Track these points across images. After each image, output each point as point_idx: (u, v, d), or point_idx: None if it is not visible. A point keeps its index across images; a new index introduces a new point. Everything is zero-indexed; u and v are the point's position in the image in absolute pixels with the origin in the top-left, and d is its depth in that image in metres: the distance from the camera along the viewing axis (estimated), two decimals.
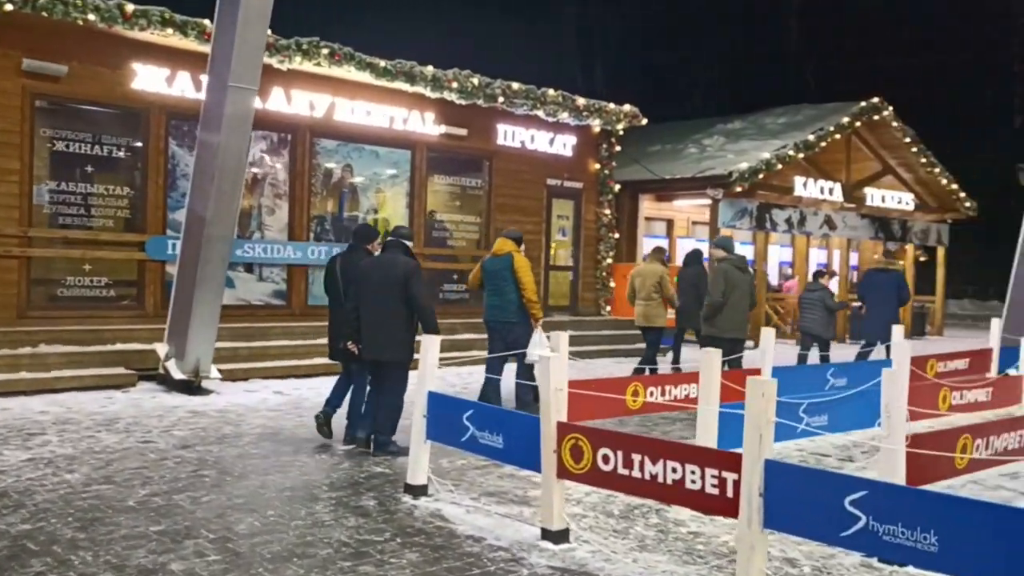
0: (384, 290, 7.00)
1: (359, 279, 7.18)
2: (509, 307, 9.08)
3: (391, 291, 6.98)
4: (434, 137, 14.30)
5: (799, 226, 19.70)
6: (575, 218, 16.48)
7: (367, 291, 7.08)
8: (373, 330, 7.01)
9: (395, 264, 7.08)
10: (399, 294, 6.97)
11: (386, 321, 7.00)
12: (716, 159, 18.60)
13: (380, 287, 7.02)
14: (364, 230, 8.04)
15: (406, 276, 6.99)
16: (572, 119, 15.64)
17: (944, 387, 8.13)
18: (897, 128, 21.06)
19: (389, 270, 7.06)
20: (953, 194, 23.08)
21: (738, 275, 9.66)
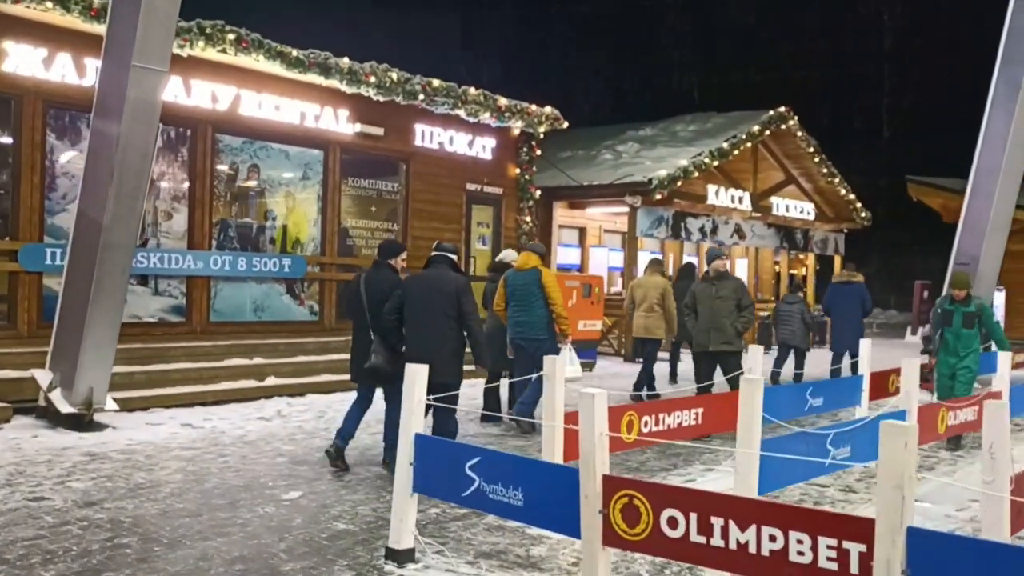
0: (433, 308, 6.69)
1: (405, 297, 6.77)
2: (538, 323, 8.82)
3: (441, 309, 6.68)
4: (348, 136, 13.08)
5: (711, 235, 19.40)
6: (495, 226, 15.54)
7: (414, 310, 6.72)
8: (422, 351, 6.42)
9: (444, 280, 6.78)
10: (450, 312, 6.68)
11: (436, 341, 6.63)
12: (633, 166, 18.05)
13: (428, 305, 6.70)
14: (389, 245, 7.50)
15: (458, 293, 6.71)
16: (493, 120, 14.71)
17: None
18: (801, 138, 21.13)
19: (438, 287, 6.73)
20: (850, 204, 23.42)
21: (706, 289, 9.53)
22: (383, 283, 7.02)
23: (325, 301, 12.90)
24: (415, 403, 4.95)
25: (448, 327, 6.70)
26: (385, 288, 6.96)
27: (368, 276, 7.18)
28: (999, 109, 11.88)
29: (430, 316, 6.68)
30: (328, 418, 9.44)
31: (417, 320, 6.72)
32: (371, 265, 7.35)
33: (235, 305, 11.89)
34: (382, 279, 7.07)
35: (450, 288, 6.73)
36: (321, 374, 11.50)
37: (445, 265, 6.94)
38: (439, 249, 7.09)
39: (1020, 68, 11.53)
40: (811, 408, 8.49)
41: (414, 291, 6.81)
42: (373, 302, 6.95)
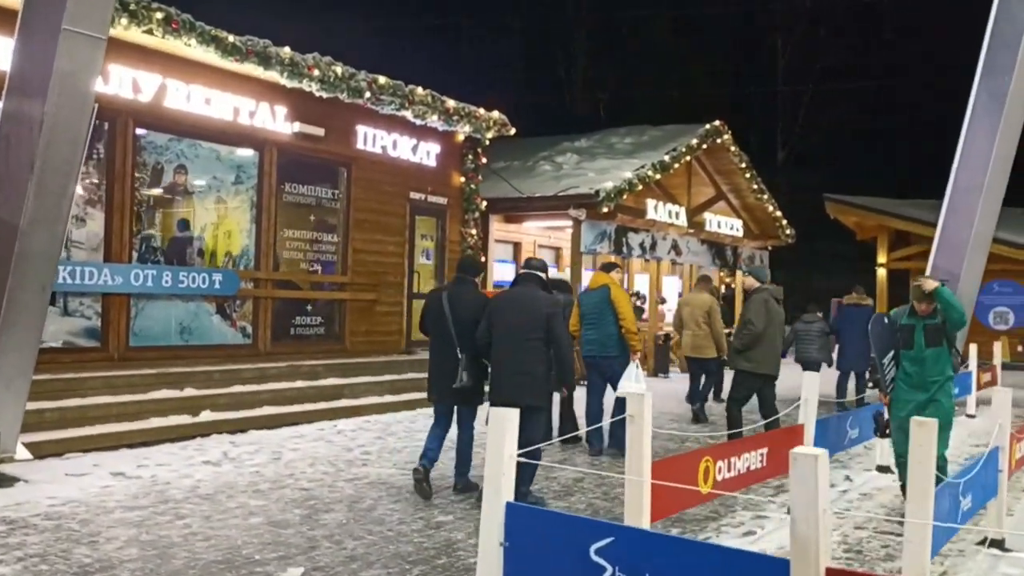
0: (523, 329, 6.41)
1: (491, 316, 6.53)
2: (609, 341, 8.82)
3: (531, 330, 6.40)
4: (287, 136, 11.64)
5: (651, 251, 18.66)
6: (439, 239, 14.30)
7: (502, 330, 6.45)
8: (511, 372, 6.35)
9: (535, 300, 6.53)
10: (540, 333, 6.41)
11: (526, 362, 6.36)
12: (576, 177, 17.11)
13: (518, 326, 6.43)
14: (472, 262, 7.40)
15: (549, 315, 6.45)
16: (440, 123, 13.50)
17: None
18: (734, 153, 20.71)
19: (528, 307, 6.48)
20: (776, 221, 23.19)
21: (775, 307, 8.82)
22: (470, 300, 6.86)
23: (260, 322, 11.37)
24: (505, 460, 3.73)
25: (538, 348, 6.42)
26: (473, 305, 6.79)
27: (452, 293, 6.95)
28: (980, 122, 11.46)
29: (519, 337, 6.41)
30: (287, 461, 8.02)
31: (505, 341, 6.44)
32: (453, 281, 7.21)
33: (159, 327, 10.27)
34: (469, 296, 6.90)
35: (540, 308, 6.47)
36: (263, 406, 10.02)
37: (534, 284, 6.69)
38: (528, 267, 6.86)
39: (1004, 78, 11.13)
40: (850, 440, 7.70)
41: (503, 311, 6.55)
42: (460, 320, 6.74)
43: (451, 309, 6.83)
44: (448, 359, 6.76)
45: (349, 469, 7.76)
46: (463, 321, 6.74)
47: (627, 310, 8.82)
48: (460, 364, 6.68)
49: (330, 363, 11.47)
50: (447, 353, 6.79)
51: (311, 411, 10.32)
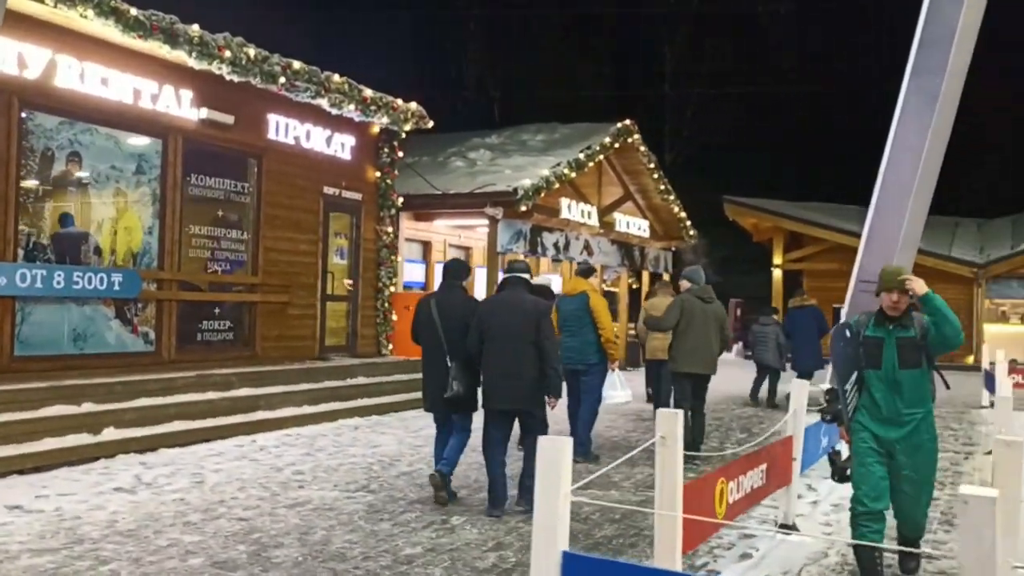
0: (515, 334, 6.33)
1: (482, 322, 6.44)
2: (588, 348, 8.66)
3: (523, 334, 6.32)
4: (193, 123, 10.60)
5: (564, 251, 18.26)
6: (354, 236, 13.43)
7: (494, 336, 6.37)
8: (505, 378, 6.32)
9: (524, 304, 6.45)
10: (532, 337, 6.32)
11: (521, 367, 6.30)
12: (492, 174, 16.52)
13: (510, 330, 6.34)
14: (459, 266, 7.14)
15: (538, 318, 6.37)
16: (357, 114, 12.65)
17: None
18: (643, 153, 20.57)
19: (519, 311, 6.39)
20: (680, 222, 23.22)
21: (697, 305, 8.84)
22: (459, 306, 6.73)
23: (163, 327, 10.29)
24: (560, 499, 3.08)
25: (531, 353, 6.31)
26: (462, 311, 6.67)
27: (440, 299, 6.82)
28: (910, 121, 11.47)
29: (512, 342, 6.32)
30: (212, 485, 7.11)
31: (497, 346, 6.35)
32: (441, 287, 7.00)
33: (49, 334, 9.10)
34: (457, 302, 6.78)
35: (532, 312, 6.39)
36: (172, 421, 9.00)
37: (522, 288, 6.60)
38: (513, 270, 6.72)
39: (934, 78, 11.16)
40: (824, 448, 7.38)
41: (493, 316, 6.45)
42: (450, 327, 6.63)
43: (440, 316, 6.70)
44: (439, 367, 6.63)
45: (285, 493, 6.92)
46: (453, 328, 6.61)
47: (606, 318, 8.72)
48: (450, 373, 6.53)
49: (242, 372, 10.49)
50: (438, 361, 6.65)
51: (225, 426, 9.36)
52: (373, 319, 13.63)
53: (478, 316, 6.51)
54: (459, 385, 6.50)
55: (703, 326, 8.80)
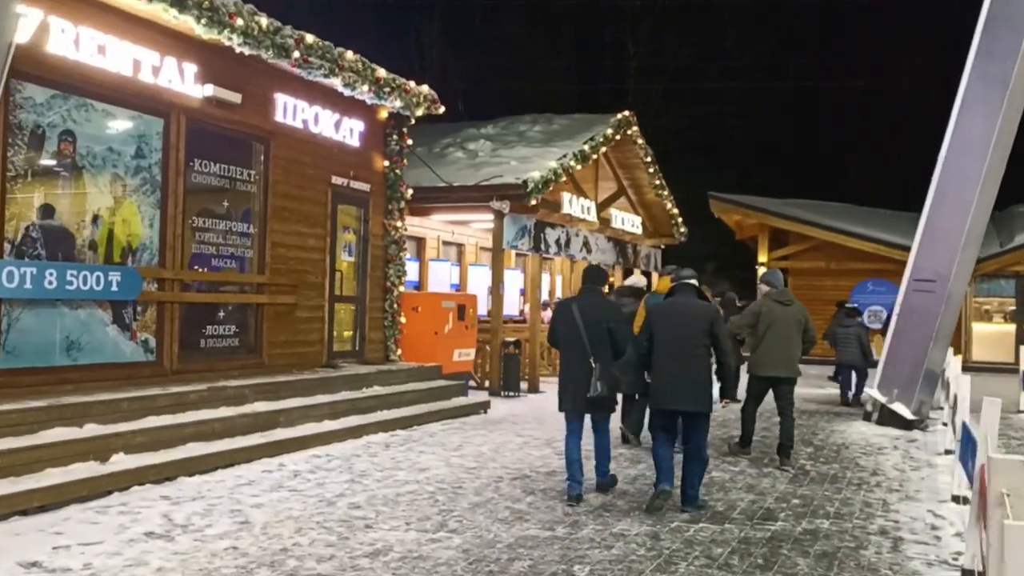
0: (688, 338, 6.63)
1: (653, 325, 6.78)
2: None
3: (695, 337, 6.63)
4: (197, 101, 9.32)
5: (566, 248, 17.27)
6: (362, 231, 12.23)
7: (665, 340, 6.66)
8: (677, 379, 6.59)
9: (695, 308, 6.81)
10: (705, 341, 6.64)
11: (693, 369, 6.60)
12: (497, 166, 15.43)
13: (682, 335, 6.64)
14: (599, 272, 7.38)
15: (712, 321, 6.72)
16: (370, 95, 11.46)
17: None
18: (640, 146, 19.68)
19: (690, 314, 6.73)
20: (672, 219, 22.42)
21: (778, 309, 8.90)
22: (602, 308, 6.98)
23: (165, 333, 9.00)
24: None
25: (704, 356, 6.64)
26: (606, 313, 6.93)
27: (581, 302, 7.01)
28: (975, 108, 10.75)
29: (684, 346, 6.60)
30: (262, 526, 5.93)
31: (670, 349, 6.61)
32: (580, 292, 7.23)
33: (40, 341, 7.76)
34: (600, 304, 7.02)
35: (704, 317, 6.71)
36: (188, 443, 7.77)
37: (691, 293, 6.90)
38: (682, 277, 7.01)
39: (1004, 61, 10.43)
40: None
41: (665, 320, 6.76)
42: (592, 329, 6.79)
43: (583, 319, 6.81)
44: (581, 369, 6.74)
45: (355, 536, 5.77)
46: (595, 330, 6.77)
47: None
48: (594, 374, 6.66)
49: (255, 383, 9.26)
50: (580, 363, 6.76)
51: (247, 448, 8.13)
52: (381, 322, 12.44)
53: (650, 320, 6.86)
54: (604, 386, 6.65)
55: (784, 328, 8.82)
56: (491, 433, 10.24)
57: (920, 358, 11.26)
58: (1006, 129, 10.42)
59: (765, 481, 7.91)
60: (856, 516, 6.71)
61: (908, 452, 9.75)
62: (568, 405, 6.93)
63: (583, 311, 6.88)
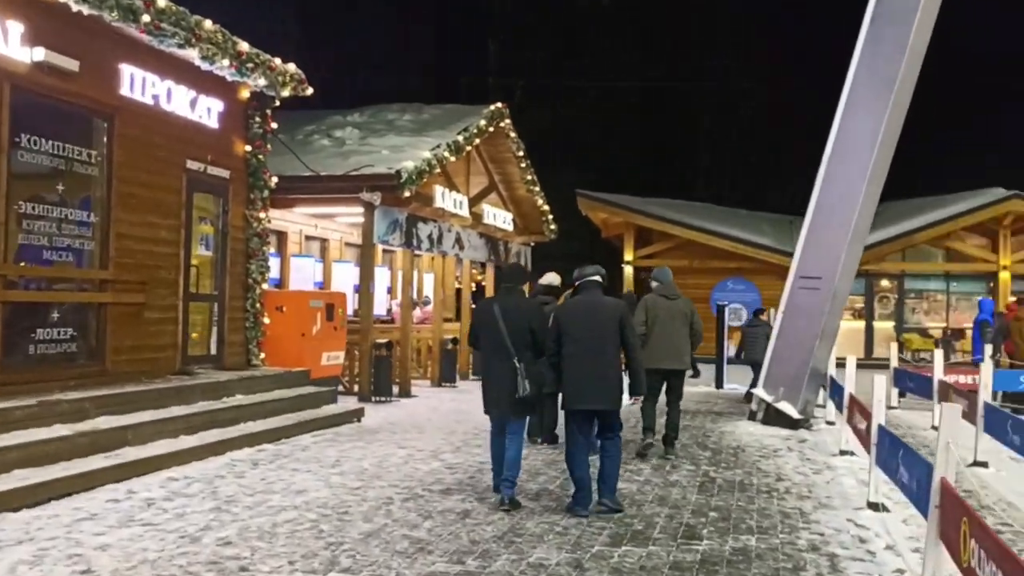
0: (599, 335, 6.54)
1: (562, 324, 6.60)
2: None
3: (606, 336, 6.56)
4: (25, 67, 7.97)
5: (438, 244, 16.48)
6: (221, 223, 11.03)
7: (575, 339, 6.50)
8: (590, 378, 6.47)
9: (604, 305, 6.71)
10: (615, 339, 6.58)
11: (605, 368, 6.52)
12: (368, 155, 14.45)
13: (593, 332, 6.54)
14: (519, 271, 7.51)
15: (622, 318, 6.64)
16: (230, 71, 10.30)
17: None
18: (513, 139, 19.12)
19: (601, 313, 6.63)
20: (543, 215, 21.99)
21: (663, 304, 9.22)
22: (524, 309, 6.87)
23: None
24: None
25: (614, 355, 6.60)
26: (528, 314, 6.81)
27: (503, 303, 6.87)
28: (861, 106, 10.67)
29: (595, 344, 6.51)
30: (111, 572, 4.85)
31: (582, 348, 6.49)
32: (501, 291, 7.18)
33: None
34: (522, 305, 6.94)
35: (614, 314, 6.64)
36: (12, 471, 6.51)
37: (598, 290, 6.79)
38: (586, 275, 6.85)
39: (890, 59, 10.36)
40: None
41: (573, 319, 6.63)
42: (515, 329, 6.67)
43: (504, 319, 6.67)
44: (505, 370, 6.61)
45: None
46: (518, 330, 6.65)
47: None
48: (519, 374, 6.53)
49: (96, 395, 8.02)
50: (503, 364, 6.63)
51: (87, 473, 6.94)
52: (242, 323, 11.27)
53: (559, 318, 6.66)
54: (531, 387, 6.53)
55: (669, 322, 9.06)
56: (369, 445, 9.34)
57: (806, 357, 11.13)
58: (892, 126, 10.39)
59: (675, 492, 7.40)
60: (780, 530, 6.26)
61: (803, 453, 9.52)
62: (493, 409, 6.81)
63: (504, 311, 6.73)
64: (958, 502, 4.16)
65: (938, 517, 4.56)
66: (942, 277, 26.34)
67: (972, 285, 26.48)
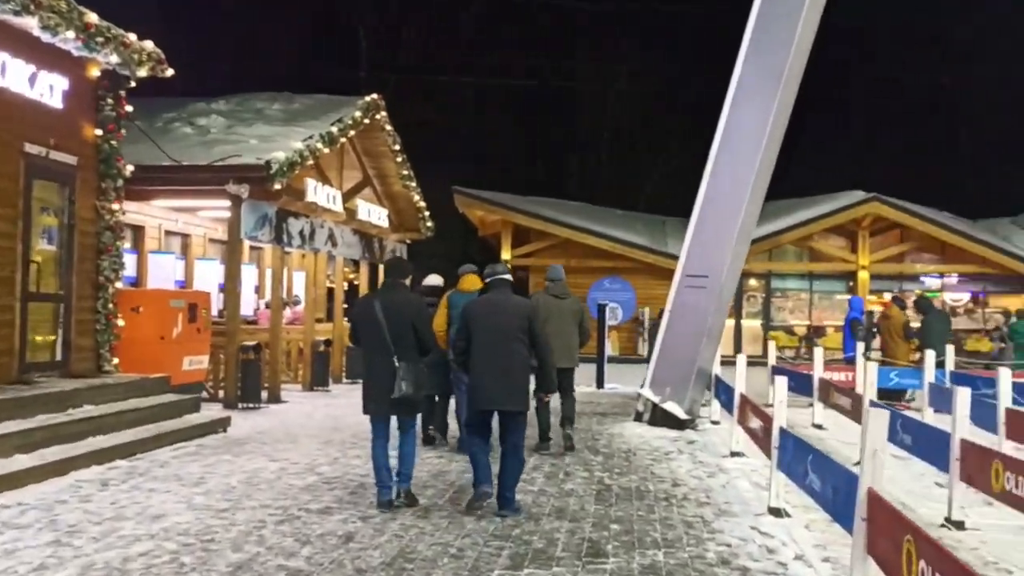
0: (506, 334, 6.44)
1: (470, 323, 6.50)
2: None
3: (514, 335, 6.45)
4: None
5: (310, 241, 15.63)
6: (67, 215, 9.93)
7: (483, 336, 6.42)
8: (497, 378, 6.36)
9: (514, 304, 6.61)
10: (524, 337, 6.48)
11: (513, 367, 6.39)
12: (235, 144, 13.48)
13: (501, 331, 6.43)
14: (401, 264, 7.10)
15: (531, 317, 6.57)
16: (76, 44, 9.25)
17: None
18: (389, 132, 18.47)
19: (509, 311, 6.52)
20: (419, 212, 21.40)
21: (553, 303, 9.43)
22: (407, 305, 6.63)
23: None
24: None
25: (523, 354, 6.47)
26: (410, 310, 6.60)
27: (384, 299, 6.60)
28: (748, 102, 10.57)
29: (503, 343, 6.42)
30: None
31: (488, 349, 6.40)
32: (383, 287, 6.98)
33: None
34: (404, 301, 6.66)
35: (523, 313, 6.56)
36: None
37: (507, 288, 6.71)
38: (494, 272, 6.80)
39: (773, 56, 10.31)
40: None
41: (482, 318, 6.50)
42: (396, 327, 6.47)
43: (385, 316, 6.48)
44: (385, 369, 6.44)
45: None
46: (400, 328, 6.48)
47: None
48: (398, 373, 6.37)
49: None
50: (384, 362, 6.45)
51: None
52: (92, 325, 10.20)
53: (467, 317, 6.52)
54: (408, 386, 6.36)
55: (559, 321, 9.24)
56: (237, 459, 8.52)
57: (692, 356, 10.99)
58: (780, 121, 10.34)
59: (572, 502, 6.98)
60: (686, 542, 5.92)
61: (694, 456, 9.31)
62: (373, 407, 6.59)
63: (386, 308, 6.53)
64: (896, 516, 3.86)
65: (865, 530, 4.28)
66: (806, 277, 27.18)
67: (833, 284, 27.47)
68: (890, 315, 14.05)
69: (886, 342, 14.04)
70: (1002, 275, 26.10)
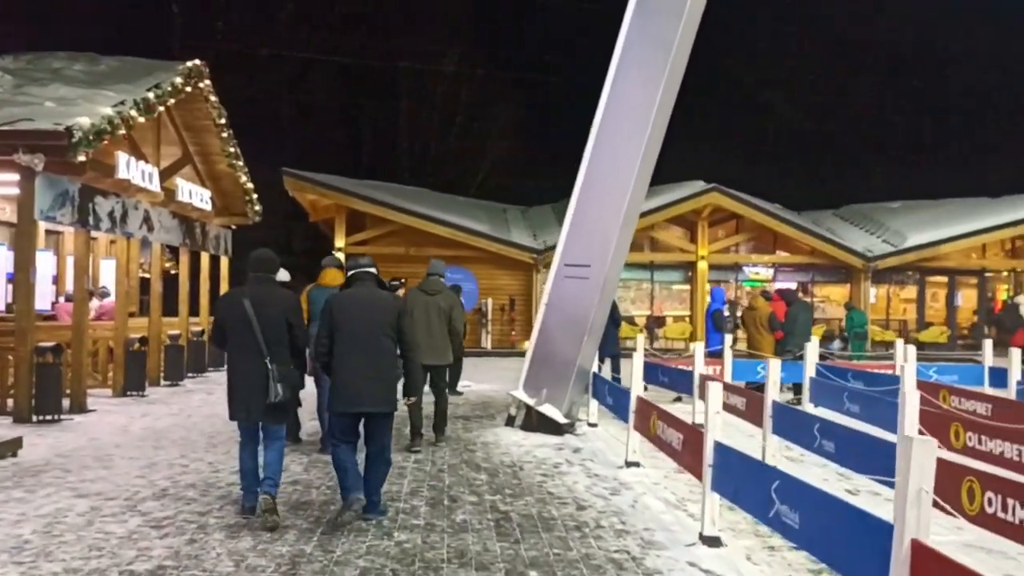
0: (372, 332, 6.04)
1: (333, 320, 6.03)
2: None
3: (381, 333, 6.07)
4: None
5: (122, 224, 13.53)
6: None
7: (348, 334, 6.00)
8: (363, 379, 5.95)
9: (380, 300, 6.21)
10: (391, 335, 6.11)
11: (380, 367, 6.03)
12: (27, 107, 11.27)
13: (367, 329, 6.04)
14: (270, 258, 6.31)
15: (399, 314, 6.18)
16: None
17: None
18: (213, 104, 16.52)
19: (376, 307, 6.13)
20: (246, 194, 19.44)
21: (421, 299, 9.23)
22: (279, 302, 6.12)
23: None
24: None
25: (391, 353, 6.13)
26: (283, 306, 6.11)
27: (254, 296, 6.04)
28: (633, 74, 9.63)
29: (370, 342, 6.02)
30: None
31: (353, 347, 5.98)
32: (250, 282, 6.18)
33: None
34: (276, 297, 6.14)
35: (391, 309, 6.17)
36: None
37: (371, 283, 6.27)
38: (357, 265, 6.34)
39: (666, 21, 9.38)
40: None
41: (347, 314, 6.07)
42: (268, 326, 5.98)
43: (257, 314, 5.95)
44: (256, 370, 5.91)
45: None
46: (272, 327, 5.99)
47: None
48: (271, 376, 5.88)
49: None
50: (254, 364, 5.92)
51: None
52: None
53: (329, 314, 6.08)
54: (285, 389, 5.95)
55: (424, 317, 9.05)
56: (32, 496, 6.71)
57: (572, 354, 9.98)
58: (668, 96, 9.45)
59: (470, 540, 5.75)
60: None
61: (587, 468, 8.28)
62: (242, 414, 6.07)
63: (256, 304, 6.01)
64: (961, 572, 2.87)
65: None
66: (647, 267, 27.08)
67: (673, 274, 27.54)
68: (756, 306, 13.63)
69: (751, 334, 13.62)
70: (828, 265, 26.98)
